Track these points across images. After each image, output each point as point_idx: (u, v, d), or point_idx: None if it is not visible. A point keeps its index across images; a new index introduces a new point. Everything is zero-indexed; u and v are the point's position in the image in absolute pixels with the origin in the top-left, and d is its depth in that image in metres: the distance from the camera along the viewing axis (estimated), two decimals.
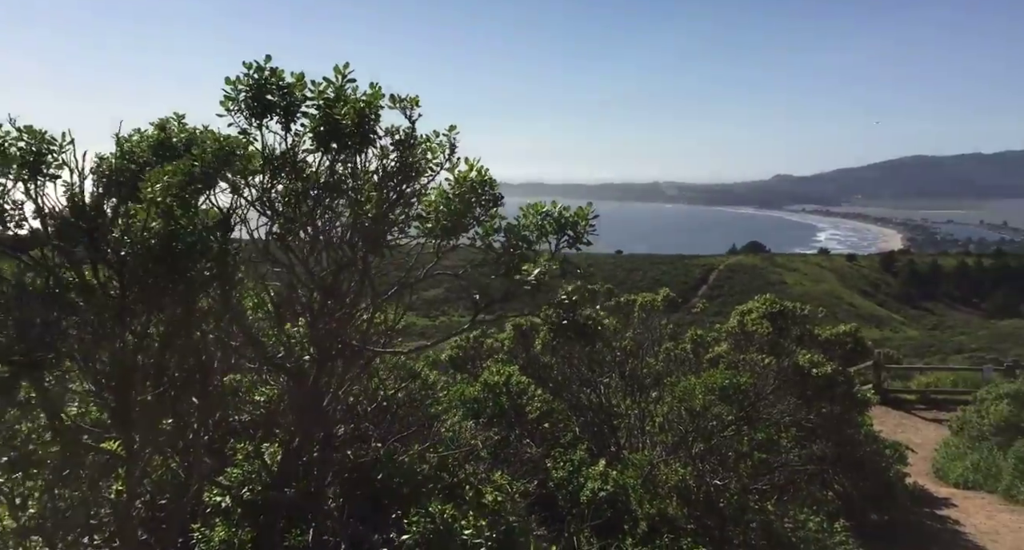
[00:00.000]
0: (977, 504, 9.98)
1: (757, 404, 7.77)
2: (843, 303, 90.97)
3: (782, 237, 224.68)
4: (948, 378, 20.77)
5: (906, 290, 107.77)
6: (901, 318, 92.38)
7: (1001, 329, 69.70)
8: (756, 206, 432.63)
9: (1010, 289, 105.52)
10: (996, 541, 8.14)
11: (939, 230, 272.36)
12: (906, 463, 10.15)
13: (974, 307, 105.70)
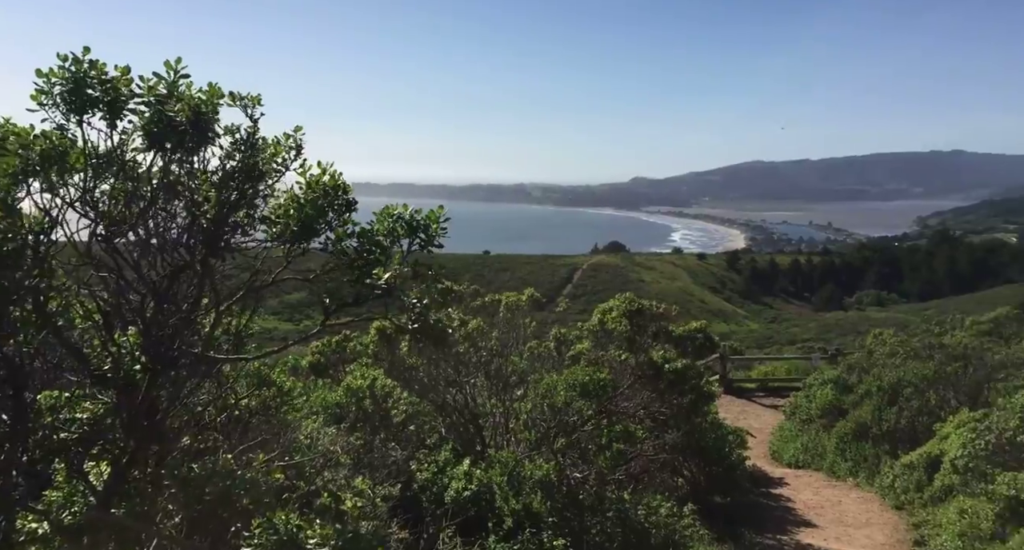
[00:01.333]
0: (806, 481, 10.99)
1: (615, 398, 8.14)
2: (695, 299, 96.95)
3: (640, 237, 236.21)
4: (783, 367, 22.73)
5: (749, 286, 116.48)
6: (744, 313, 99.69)
7: (827, 321, 77.17)
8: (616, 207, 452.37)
9: (835, 284, 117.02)
10: (820, 514, 9.01)
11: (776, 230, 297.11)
12: (746, 447, 10.98)
13: (805, 301, 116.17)
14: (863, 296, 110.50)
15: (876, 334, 26.30)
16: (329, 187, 2.41)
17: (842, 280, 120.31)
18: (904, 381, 13.16)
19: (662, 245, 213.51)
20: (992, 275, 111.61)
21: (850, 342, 33.43)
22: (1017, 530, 6.30)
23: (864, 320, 68.92)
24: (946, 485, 8.51)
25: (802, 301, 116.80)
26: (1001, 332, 22.25)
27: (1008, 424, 8.53)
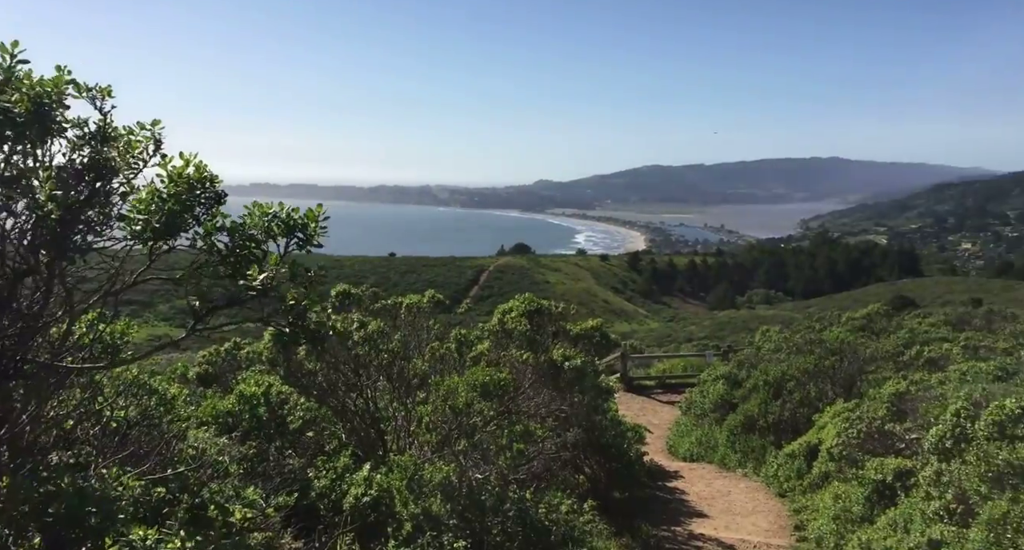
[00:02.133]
0: (699, 474, 11.50)
1: (517, 398, 8.24)
2: (598, 300, 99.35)
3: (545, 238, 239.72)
4: (680, 364, 23.67)
5: (649, 286, 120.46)
6: (645, 312, 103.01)
7: (721, 319, 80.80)
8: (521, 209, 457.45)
9: (728, 283, 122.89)
10: (712, 505, 9.45)
11: (674, 232, 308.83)
12: (645, 443, 11.36)
13: (701, 300, 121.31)
14: (753, 295, 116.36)
15: (764, 331, 27.79)
16: (195, 179, 2.28)
17: (735, 280, 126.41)
18: (787, 375, 13.99)
19: (567, 247, 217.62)
20: (866, 274, 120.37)
21: (742, 339, 35.19)
22: (883, 512, 6.83)
23: (754, 318, 72.61)
24: (823, 472, 9.11)
25: (698, 300, 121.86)
26: (872, 327, 24.04)
27: (876, 413, 9.24)
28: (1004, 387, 8.72)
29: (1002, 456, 5.53)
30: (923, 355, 15.54)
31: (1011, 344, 15.46)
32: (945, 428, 6.93)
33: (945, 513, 5.85)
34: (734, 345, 27.97)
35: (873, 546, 6.16)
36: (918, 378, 11.93)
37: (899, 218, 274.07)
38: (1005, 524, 4.66)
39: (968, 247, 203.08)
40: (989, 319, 26.09)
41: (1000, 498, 5.12)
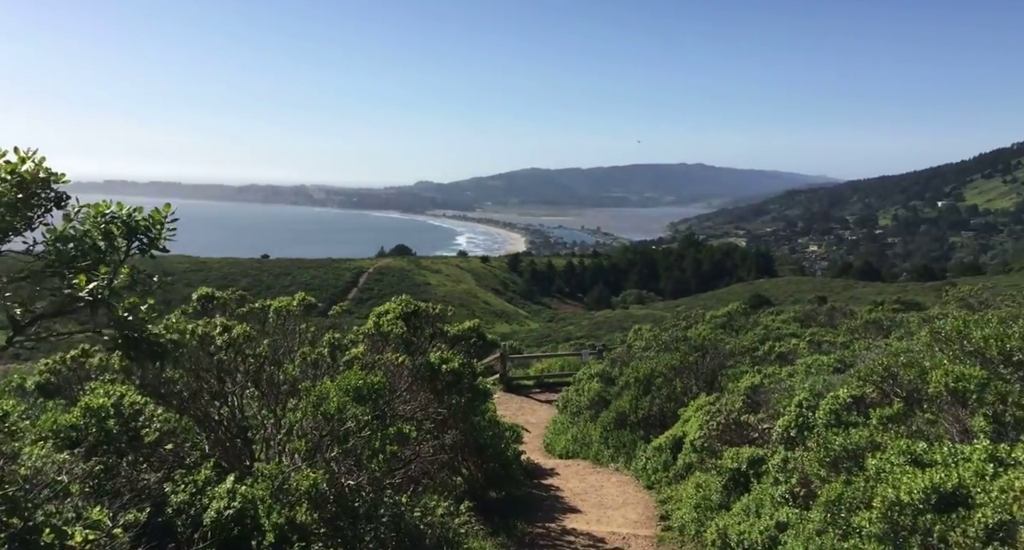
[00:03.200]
0: (574, 470, 11.84)
1: (392, 401, 8.13)
2: (479, 301, 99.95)
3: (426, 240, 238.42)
4: (558, 364, 24.25)
5: (529, 287, 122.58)
6: (525, 313, 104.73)
7: (598, 319, 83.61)
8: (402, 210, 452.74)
9: (604, 284, 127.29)
10: (585, 500, 9.76)
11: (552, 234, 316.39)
12: (522, 442, 11.55)
13: (579, 301, 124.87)
14: (627, 295, 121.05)
15: (636, 330, 28.98)
16: (29, 178, 2.07)
17: (610, 280, 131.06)
18: (656, 372, 14.65)
19: (448, 248, 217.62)
20: (728, 274, 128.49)
21: (616, 338, 36.55)
22: (739, 498, 7.31)
23: (628, 317, 75.60)
24: (687, 463, 9.63)
25: (576, 301, 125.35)
26: (733, 325, 25.67)
27: (734, 406, 9.86)
28: (841, 378, 9.55)
29: (838, 442, 6.06)
30: (775, 350, 16.76)
31: (848, 338, 16.96)
32: (790, 418, 7.51)
33: (790, 497, 6.34)
34: (608, 344, 28.98)
35: (729, 531, 6.58)
36: (770, 372, 12.85)
37: (756, 222, 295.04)
38: (840, 504, 5.11)
39: (815, 249, 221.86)
40: (831, 316, 28.54)
41: (836, 480, 5.61)
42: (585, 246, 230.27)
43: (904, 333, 15.08)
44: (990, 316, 9.20)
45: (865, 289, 79.97)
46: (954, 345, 8.15)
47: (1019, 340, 7.13)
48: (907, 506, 4.39)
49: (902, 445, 5.29)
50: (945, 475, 4.47)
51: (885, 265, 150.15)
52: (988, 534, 3.68)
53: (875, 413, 6.97)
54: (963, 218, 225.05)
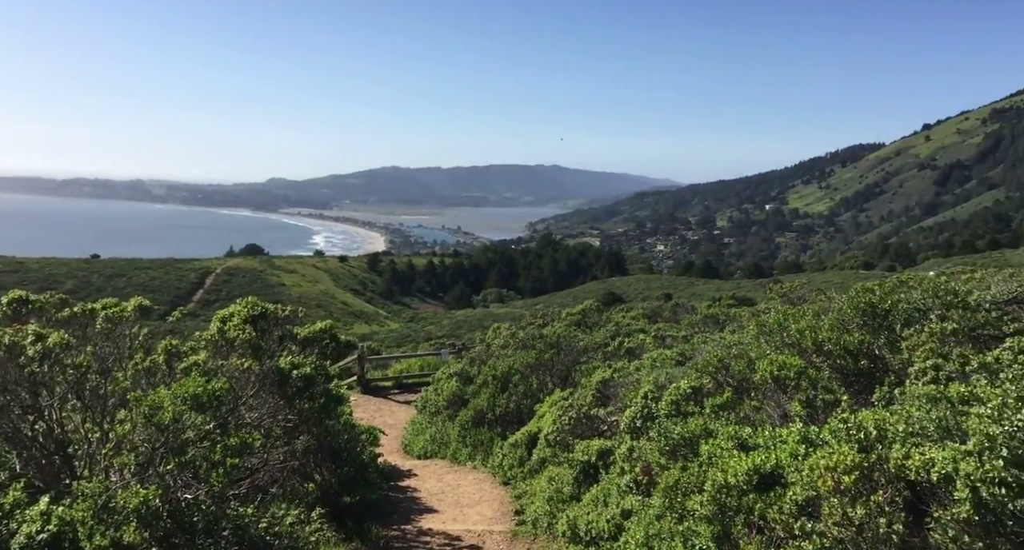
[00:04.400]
0: (431, 470, 11.81)
1: (237, 409, 7.70)
2: (337, 302, 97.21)
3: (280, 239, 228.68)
4: (417, 364, 24.08)
5: (389, 287, 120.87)
6: (386, 313, 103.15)
7: (459, 318, 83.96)
8: (253, 208, 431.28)
9: (465, 283, 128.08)
10: (442, 499, 9.76)
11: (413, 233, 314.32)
12: (379, 445, 11.36)
13: (440, 300, 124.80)
14: (488, 294, 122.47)
15: (495, 328, 29.38)
16: None
17: (471, 280, 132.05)
18: (513, 369, 14.92)
19: (304, 248, 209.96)
20: (583, 273, 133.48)
21: (476, 337, 36.86)
22: (588, 489, 7.60)
23: (488, 316, 76.52)
24: (541, 458, 9.88)
25: (437, 300, 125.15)
26: (587, 321, 26.71)
27: (585, 400, 10.25)
28: (682, 370, 10.18)
29: (676, 431, 6.45)
30: (624, 346, 17.61)
31: (689, 332, 18.14)
32: (636, 410, 7.92)
33: (634, 485, 6.68)
34: (468, 343, 29.17)
35: (578, 521, 6.82)
36: (620, 366, 13.48)
37: (609, 222, 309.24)
38: (676, 489, 5.44)
39: (661, 248, 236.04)
40: (675, 311, 30.44)
41: (674, 467, 5.97)
42: (446, 245, 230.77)
43: (736, 327, 16.36)
44: (806, 310, 10.19)
45: (705, 286, 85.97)
46: (776, 337, 8.94)
47: (828, 331, 7.94)
48: (733, 488, 4.75)
49: (731, 431, 5.73)
50: (765, 457, 4.88)
51: (722, 263, 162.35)
52: (799, 509, 4.05)
53: (709, 402, 7.51)
54: (787, 220, 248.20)
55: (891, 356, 7.69)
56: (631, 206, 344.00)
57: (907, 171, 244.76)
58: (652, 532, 5.43)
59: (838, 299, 9.92)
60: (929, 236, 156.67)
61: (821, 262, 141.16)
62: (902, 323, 7.81)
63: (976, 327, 7.28)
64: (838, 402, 6.38)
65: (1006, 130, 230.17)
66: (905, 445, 3.86)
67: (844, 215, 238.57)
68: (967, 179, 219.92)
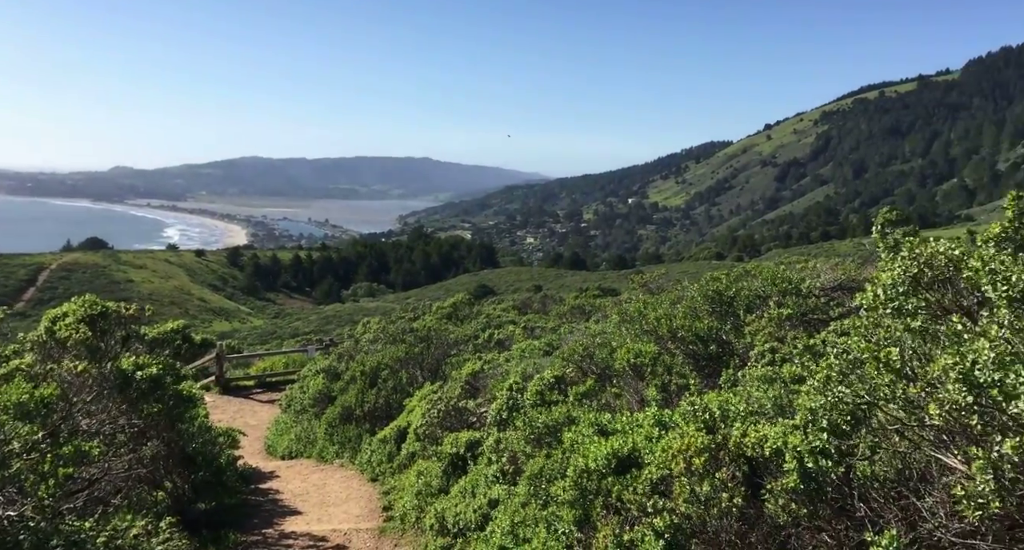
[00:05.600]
0: (296, 470, 11.40)
1: (72, 416, 7.06)
2: (194, 298, 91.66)
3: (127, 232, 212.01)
4: (281, 361, 23.12)
5: (252, 282, 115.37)
6: (248, 309, 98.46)
7: (327, 313, 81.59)
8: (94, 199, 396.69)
9: (334, 278, 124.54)
10: (306, 500, 9.44)
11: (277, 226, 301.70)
12: (238, 447, 10.81)
13: (307, 295, 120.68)
14: (358, 288, 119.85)
15: (364, 323, 28.80)
16: None
17: (340, 274, 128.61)
18: (383, 364, 14.69)
19: (155, 241, 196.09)
20: (456, 266, 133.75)
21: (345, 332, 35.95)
22: (457, 481, 7.62)
23: (359, 310, 74.91)
24: (410, 452, 9.80)
25: (304, 295, 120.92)
26: (458, 314, 26.77)
27: (453, 393, 10.26)
28: (549, 360, 10.43)
29: (541, 419, 6.60)
30: (494, 337, 17.83)
31: (557, 323, 18.63)
32: (503, 401, 8.02)
33: (501, 475, 6.77)
34: (336, 338, 28.42)
35: (446, 514, 6.82)
36: (490, 358, 13.62)
37: (480, 215, 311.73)
38: (541, 477, 5.57)
39: (531, 241, 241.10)
40: (544, 302, 31.21)
41: (539, 455, 6.10)
42: (313, 239, 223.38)
43: (601, 316, 17.00)
44: (662, 299, 10.74)
45: (573, 277, 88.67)
46: (635, 325, 9.36)
47: (681, 319, 8.41)
48: (593, 472, 4.91)
49: (591, 418, 5.93)
50: (623, 441, 5.09)
51: (589, 255, 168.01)
52: (652, 488, 4.26)
53: (573, 390, 7.74)
54: (648, 213, 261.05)
55: (736, 340, 8.27)
56: (502, 199, 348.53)
57: (752, 167, 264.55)
58: (517, 520, 5.52)
59: (690, 288, 10.53)
60: (771, 228, 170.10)
61: (679, 253, 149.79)
62: (745, 309, 8.42)
63: (807, 312, 7.97)
64: (689, 386, 6.77)
65: (834, 131, 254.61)
66: (744, 423, 4.15)
67: (698, 208, 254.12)
68: (803, 175, 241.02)
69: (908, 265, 2.91)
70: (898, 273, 2.95)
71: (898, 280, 2.95)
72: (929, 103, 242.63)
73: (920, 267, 2.87)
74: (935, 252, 2.76)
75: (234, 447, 10.83)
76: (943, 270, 2.67)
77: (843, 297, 8.47)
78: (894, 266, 2.99)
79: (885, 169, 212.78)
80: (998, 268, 2.42)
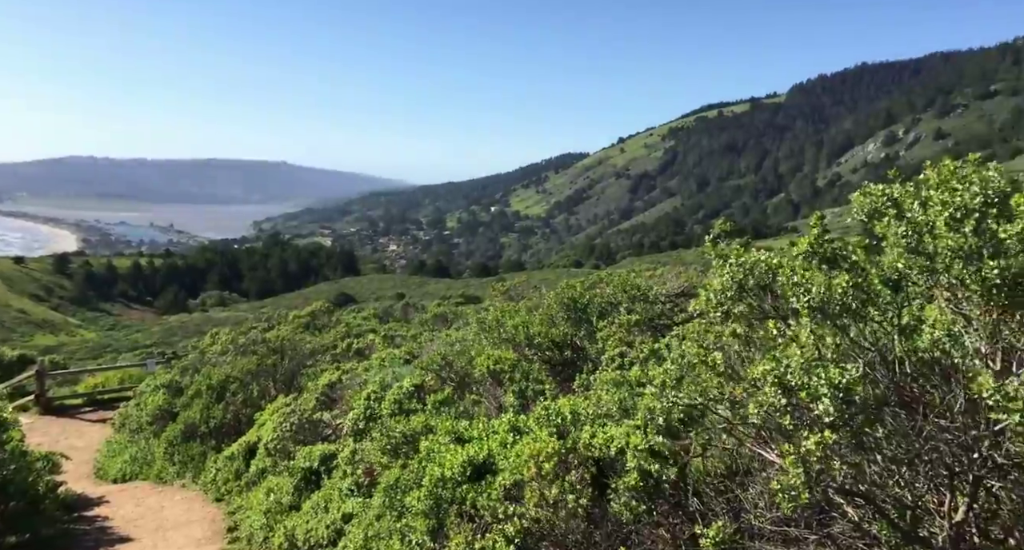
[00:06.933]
0: (130, 494, 10.49)
1: None
2: (12, 310, 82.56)
3: None
4: (116, 377, 21.27)
5: (83, 292, 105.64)
6: (79, 321, 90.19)
7: (172, 324, 76.20)
8: None
9: (180, 286, 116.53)
10: (140, 526, 8.70)
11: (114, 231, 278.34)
12: (61, 472, 9.80)
13: (149, 305, 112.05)
14: (207, 297, 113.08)
15: (213, 334, 27.13)
16: None
17: (187, 282, 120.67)
18: (232, 377, 13.89)
19: None
20: (315, 274, 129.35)
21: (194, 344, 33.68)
22: (309, 496, 7.32)
23: (208, 321, 70.57)
24: (260, 469, 9.31)
25: (145, 305, 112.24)
26: (316, 324, 25.89)
27: (308, 405, 9.89)
28: (408, 369, 10.31)
29: (398, 429, 6.49)
30: (354, 347, 17.40)
31: (418, 331, 18.51)
32: (360, 411, 7.82)
33: (356, 487, 6.58)
34: (181, 351, 26.59)
35: (296, 531, 6.53)
36: (348, 368, 13.25)
37: (341, 222, 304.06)
38: (396, 487, 5.46)
39: (395, 248, 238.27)
40: (406, 310, 30.91)
41: (395, 465, 5.99)
42: (156, 245, 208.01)
43: (462, 324, 17.06)
44: (520, 307, 10.95)
45: (436, 285, 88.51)
46: (494, 333, 9.46)
47: (538, 326, 8.60)
48: (449, 480, 4.89)
49: (449, 425, 5.90)
50: (479, 448, 5.11)
51: (453, 263, 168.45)
52: (506, 494, 4.30)
53: (431, 398, 7.68)
54: (510, 222, 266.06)
55: (590, 346, 8.58)
56: (364, 206, 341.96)
57: (608, 179, 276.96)
58: (371, 533, 5.39)
59: (548, 296, 10.81)
60: (626, 237, 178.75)
61: (540, 261, 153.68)
62: (598, 316, 8.75)
63: (654, 317, 8.42)
64: (544, 391, 6.93)
65: (680, 147, 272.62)
66: (593, 426, 4.30)
67: (558, 217, 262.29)
68: (653, 187, 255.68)
69: (735, 272, 3.12)
70: (726, 279, 3.16)
71: (726, 286, 3.16)
72: (760, 123, 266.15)
73: (745, 274, 3.10)
74: (757, 260, 2.99)
75: (55, 472, 9.80)
76: (763, 277, 2.90)
77: (686, 303, 9.03)
78: (723, 273, 3.20)
79: (724, 183, 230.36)
80: (800, 280, 2.67)
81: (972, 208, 2.40)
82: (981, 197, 2.39)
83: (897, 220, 2.60)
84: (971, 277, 2.34)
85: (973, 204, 2.40)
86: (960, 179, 2.52)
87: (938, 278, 2.47)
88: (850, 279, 2.59)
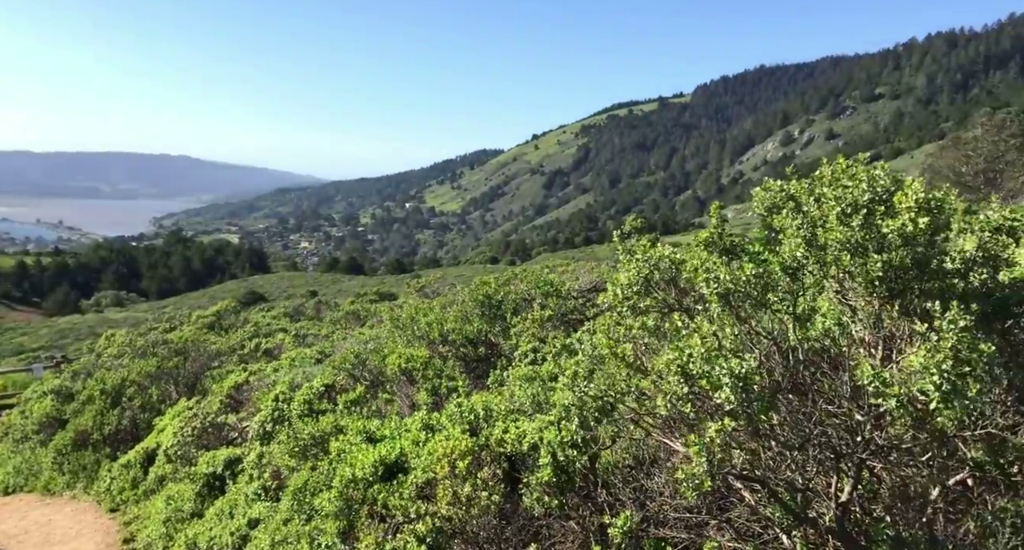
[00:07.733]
0: (14, 507, 9.77)
1: None
2: None
3: None
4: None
5: None
6: None
7: (62, 326, 71.35)
8: None
9: (71, 286, 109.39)
10: (24, 541, 8.11)
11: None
12: None
13: (36, 306, 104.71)
14: (102, 297, 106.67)
15: (108, 336, 25.63)
16: None
17: (79, 282, 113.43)
18: (129, 380, 13.16)
19: None
20: (221, 272, 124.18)
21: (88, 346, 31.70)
22: (213, 503, 7.01)
23: (103, 322, 66.48)
24: (160, 476, 8.85)
25: (31, 307, 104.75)
26: (222, 324, 24.87)
27: (212, 408, 9.47)
28: (320, 369, 10.05)
29: (307, 430, 6.30)
30: (262, 347, 16.81)
31: (330, 330, 18.08)
32: (267, 413, 7.55)
33: (263, 492, 6.35)
34: (72, 355, 24.97)
35: (198, 540, 6.24)
36: (256, 369, 12.78)
37: (248, 218, 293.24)
38: (305, 490, 5.30)
39: (306, 245, 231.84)
40: (319, 309, 30.16)
41: (304, 468, 5.82)
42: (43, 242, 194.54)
43: (376, 321, 16.76)
44: (434, 304, 10.86)
45: (351, 282, 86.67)
46: (408, 331, 9.34)
47: (452, 323, 8.55)
48: (360, 481, 4.78)
49: (359, 425, 5.77)
50: (391, 447, 5.01)
51: (367, 260, 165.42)
52: (418, 492, 4.24)
53: (343, 398, 7.50)
54: (425, 218, 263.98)
55: (504, 342, 8.60)
56: (273, 202, 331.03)
57: (522, 175, 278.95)
58: (279, 538, 5.21)
59: (462, 292, 10.76)
60: (541, 233, 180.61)
61: (456, 257, 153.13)
62: (512, 312, 8.78)
63: (567, 312, 8.52)
64: (458, 388, 6.89)
65: (592, 144, 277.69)
66: (505, 422, 4.30)
67: (474, 214, 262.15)
68: (567, 184, 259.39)
69: (641, 267, 3.18)
70: (633, 274, 3.21)
71: (633, 281, 3.21)
72: (668, 122, 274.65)
73: (651, 269, 3.16)
74: (661, 255, 3.06)
75: None
76: (667, 271, 2.96)
77: (598, 298, 9.19)
78: (630, 268, 3.25)
79: (635, 180, 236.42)
80: (711, 267, 2.75)
81: (861, 204, 2.53)
82: (869, 194, 2.53)
83: (794, 213, 2.72)
84: (857, 269, 2.47)
85: (863, 200, 2.53)
86: (850, 177, 2.66)
87: (828, 269, 2.60)
88: (753, 267, 2.69)
